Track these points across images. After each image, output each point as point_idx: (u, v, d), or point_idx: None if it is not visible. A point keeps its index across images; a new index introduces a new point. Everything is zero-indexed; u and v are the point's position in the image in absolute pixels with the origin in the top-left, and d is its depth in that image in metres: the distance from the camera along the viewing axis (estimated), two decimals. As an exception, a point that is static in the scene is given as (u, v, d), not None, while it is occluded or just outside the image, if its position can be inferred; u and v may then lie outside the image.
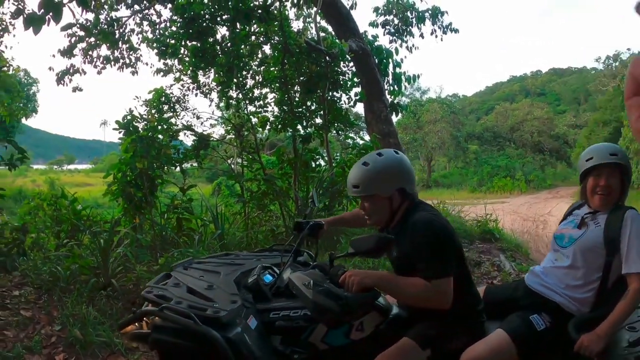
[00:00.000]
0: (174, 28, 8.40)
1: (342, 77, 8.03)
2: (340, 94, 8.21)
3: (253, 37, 8.07)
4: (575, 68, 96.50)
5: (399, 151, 2.52)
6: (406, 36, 11.19)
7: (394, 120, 10.19)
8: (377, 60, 9.82)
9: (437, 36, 11.33)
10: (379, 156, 2.42)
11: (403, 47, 11.13)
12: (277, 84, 8.06)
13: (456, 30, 11.43)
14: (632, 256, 2.34)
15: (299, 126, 7.95)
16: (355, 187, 2.41)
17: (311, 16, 10.06)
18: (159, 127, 6.63)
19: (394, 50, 10.44)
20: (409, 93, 42.98)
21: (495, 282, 6.21)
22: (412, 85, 17.68)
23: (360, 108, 10.24)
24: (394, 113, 10.08)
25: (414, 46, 11.20)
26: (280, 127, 8.11)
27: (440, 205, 10.34)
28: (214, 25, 7.57)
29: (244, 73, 8.07)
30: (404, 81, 10.29)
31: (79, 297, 4.55)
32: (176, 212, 6.67)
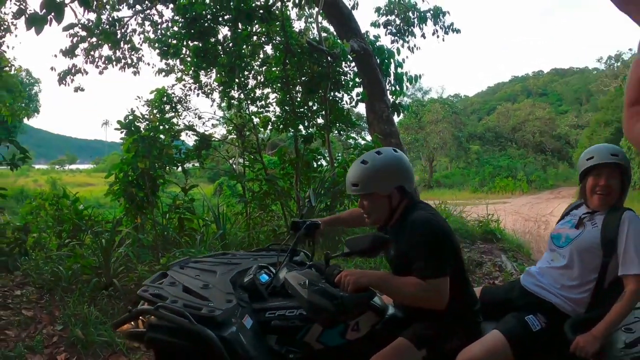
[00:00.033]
0: (175, 28, 8.39)
1: (343, 78, 8.01)
2: (342, 94, 8.19)
3: (255, 37, 8.06)
4: (577, 68, 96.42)
5: (398, 150, 2.51)
6: (408, 36, 11.18)
7: (395, 120, 10.19)
8: (378, 61, 9.81)
9: (438, 36, 11.34)
10: (378, 154, 2.42)
11: (405, 47, 11.14)
12: (279, 84, 8.05)
13: (458, 31, 11.42)
14: (629, 257, 2.34)
15: (300, 126, 7.94)
16: (355, 185, 2.40)
17: (313, 16, 10.03)
18: (161, 127, 6.65)
19: (395, 51, 10.44)
20: (410, 93, 42.90)
21: (497, 282, 6.21)
22: (413, 85, 17.71)
23: (362, 108, 10.20)
24: (396, 113, 10.07)
25: (416, 46, 11.20)
26: (282, 127, 8.11)
27: (442, 206, 10.34)
28: (215, 26, 7.57)
29: (246, 73, 8.06)
30: (406, 81, 10.28)
31: (81, 297, 4.57)
32: (178, 212, 6.68)
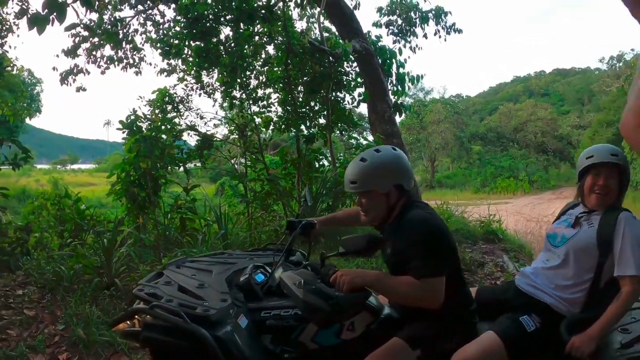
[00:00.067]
0: (177, 28, 8.40)
1: (345, 78, 8.01)
2: (344, 94, 8.20)
3: (257, 37, 8.07)
4: (579, 68, 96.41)
5: (397, 148, 2.51)
6: (410, 36, 11.16)
7: (397, 120, 10.18)
8: (380, 61, 9.80)
9: (440, 36, 11.31)
10: (377, 152, 2.42)
11: (406, 47, 11.11)
12: (281, 84, 8.06)
13: (460, 31, 11.39)
14: (625, 258, 2.33)
15: (302, 126, 7.94)
16: (353, 182, 2.39)
17: (314, 16, 10.03)
18: (163, 127, 6.65)
19: (397, 51, 10.42)
20: (412, 93, 42.96)
21: (499, 282, 6.19)
22: (415, 85, 17.67)
23: (364, 108, 10.18)
24: (398, 113, 10.06)
25: (418, 46, 11.18)
26: (284, 127, 8.12)
27: (444, 206, 10.32)
28: (217, 26, 7.58)
29: (248, 73, 8.07)
30: (408, 81, 10.26)
31: (83, 297, 4.57)
32: (180, 212, 6.68)
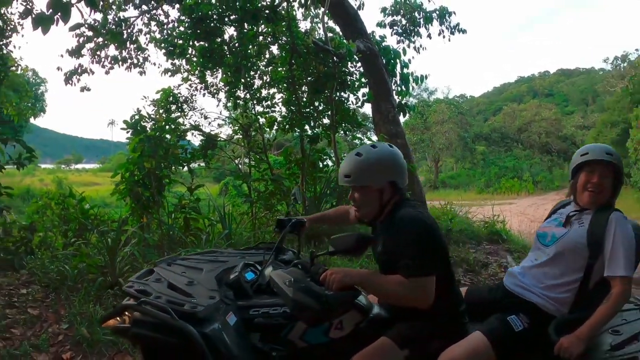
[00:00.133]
0: (181, 28, 8.42)
1: (349, 78, 8.02)
2: (348, 95, 8.21)
3: (261, 38, 8.08)
4: (583, 69, 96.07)
5: (393, 145, 2.51)
6: (414, 36, 11.13)
7: (401, 120, 10.16)
8: (384, 61, 9.79)
9: (444, 37, 11.28)
10: (373, 148, 2.42)
11: (411, 47, 11.08)
12: (285, 84, 8.07)
13: (464, 31, 11.36)
14: (616, 259, 2.31)
15: (306, 126, 7.95)
16: (347, 176, 2.39)
17: (319, 16, 10.03)
18: (167, 127, 6.66)
19: (401, 51, 10.39)
20: (416, 94, 42.95)
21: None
22: (419, 85, 17.62)
23: (368, 108, 10.19)
24: (402, 113, 10.05)
25: (422, 46, 11.15)
26: (288, 127, 8.13)
27: (448, 206, 10.31)
28: (221, 26, 7.59)
29: (252, 73, 8.09)
30: (412, 82, 10.22)
31: (86, 296, 4.57)
32: (183, 211, 6.68)
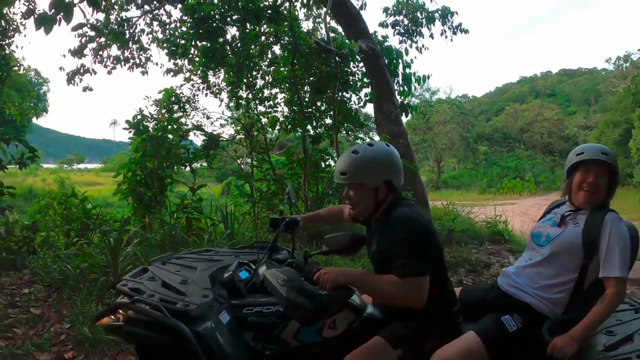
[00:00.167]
0: (184, 28, 8.42)
1: (351, 78, 8.01)
2: (350, 95, 8.20)
3: (263, 38, 8.07)
4: (585, 69, 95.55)
5: (390, 144, 2.51)
6: (416, 37, 11.10)
7: (403, 121, 10.15)
8: (387, 61, 9.77)
9: (447, 37, 11.24)
10: (370, 146, 2.42)
11: (413, 47, 11.03)
12: (287, 84, 8.07)
13: (466, 31, 11.33)
14: (611, 260, 2.30)
15: (308, 126, 7.95)
16: (343, 174, 2.39)
17: (321, 16, 10.00)
18: (169, 127, 6.67)
19: (403, 51, 10.36)
20: (418, 94, 42.79)
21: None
22: (421, 85, 17.63)
23: (370, 108, 10.15)
24: (404, 114, 10.03)
25: (424, 47, 11.13)
26: (290, 127, 8.13)
27: (450, 207, 10.31)
28: (224, 26, 7.59)
29: (254, 73, 8.08)
30: (414, 82, 10.21)
31: (89, 296, 4.58)
32: (186, 211, 6.68)
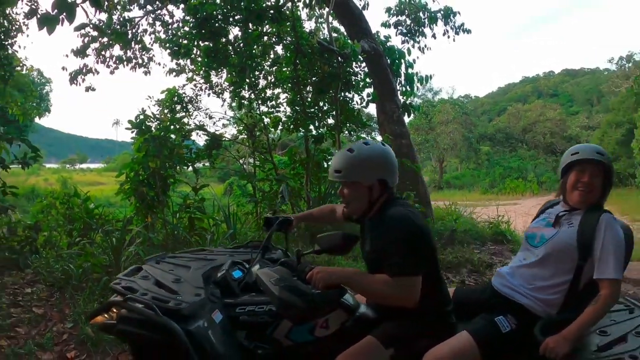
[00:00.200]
0: (186, 28, 8.42)
1: (354, 78, 7.99)
2: (353, 95, 8.19)
3: (265, 38, 8.08)
4: (588, 69, 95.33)
5: (386, 144, 2.51)
6: (418, 37, 11.10)
7: (406, 121, 10.16)
8: (389, 61, 9.78)
9: (449, 37, 11.24)
10: (365, 145, 2.42)
11: (415, 47, 11.04)
12: (290, 84, 8.06)
13: (468, 31, 11.32)
14: (605, 261, 2.30)
15: (311, 126, 7.94)
16: (337, 172, 2.38)
17: (323, 16, 10.02)
18: (172, 127, 6.67)
19: (406, 51, 10.38)
20: (421, 94, 42.70)
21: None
22: (424, 86, 17.61)
23: (373, 109, 10.18)
24: (406, 114, 10.04)
25: (426, 47, 11.12)
26: (293, 127, 8.12)
27: (452, 207, 10.29)
28: (226, 26, 7.59)
29: (257, 73, 8.08)
30: (416, 82, 10.22)
31: (91, 295, 4.58)
32: (188, 211, 6.68)
